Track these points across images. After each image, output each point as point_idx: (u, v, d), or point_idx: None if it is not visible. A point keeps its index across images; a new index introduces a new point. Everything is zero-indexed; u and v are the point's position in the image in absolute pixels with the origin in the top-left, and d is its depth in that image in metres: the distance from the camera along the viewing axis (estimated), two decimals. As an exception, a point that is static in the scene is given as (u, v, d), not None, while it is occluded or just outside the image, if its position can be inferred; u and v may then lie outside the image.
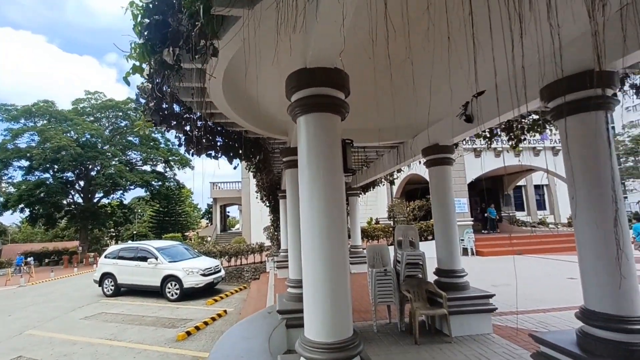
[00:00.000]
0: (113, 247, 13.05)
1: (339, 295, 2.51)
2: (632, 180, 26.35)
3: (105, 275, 11.74)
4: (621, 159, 25.40)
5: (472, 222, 15.23)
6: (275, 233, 14.13)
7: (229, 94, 3.60)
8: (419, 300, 4.71)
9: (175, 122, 3.54)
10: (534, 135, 4.86)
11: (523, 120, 4.56)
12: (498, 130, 4.93)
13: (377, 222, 18.76)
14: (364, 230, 14.87)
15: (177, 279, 10.47)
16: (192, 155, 4.42)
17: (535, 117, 4.49)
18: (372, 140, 5.52)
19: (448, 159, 5.05)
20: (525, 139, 4.81)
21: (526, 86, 2.42)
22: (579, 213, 2.67)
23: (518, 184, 22.02)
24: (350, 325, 2.57)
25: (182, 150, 4.29)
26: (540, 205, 22.79)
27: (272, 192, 11.81)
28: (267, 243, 17.08)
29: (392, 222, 17.37)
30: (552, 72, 2.20)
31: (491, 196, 20.73)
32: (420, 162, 5.92)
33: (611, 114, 2.76)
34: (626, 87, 3.62)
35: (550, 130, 4.86)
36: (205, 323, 7.45)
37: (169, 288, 10.52)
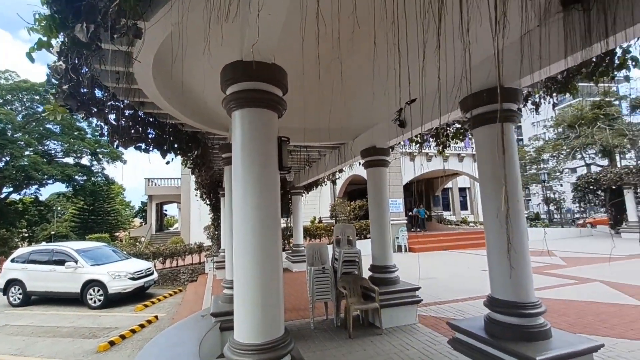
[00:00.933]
0: (22, 250, 11.37)
1: (270, 294, 2.49)
2: (534, 185, 30.54)
3: (12, 282, 10.18)
4: (527, 167, 29.31)
5: (406, 221, 16.30)
6: (216, 232, 13.58)
7: (160, 82, 3.36)
8: (353, 296, 4.89)
9: (96, 110, 3.18)
10: (457, 142, 5.39)
11: (448, 128, 5.03)
12: (428, 136, 5.35)
13: (320, 221, 19.05)
14: (306, 229, 14.99)
15: (101, 284, 9.46)
16: (118, 147, 4.03)
17: (458, 126, 4.97)
18: (313, 140, 5.59)
19: (384, 161, 5.33)
20: (449, 145, 5.30)
21: (450, 98, 2.66)
22: (486, 212, 3.04)
23: (446, 186, 24.38)
24: (281, 324, 2.57)
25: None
26: (464, 206, 25.49)
27: (212, 190, 11.34)
28: (208, 243, 16.35)
29: (334, 221, 17.78)
30: (466, 87, 2.45)
31: (422, 197, 22.54)
32: (359, 164, 6.16)
33: (515, 127, 3.17)
34: (529, 105, 4.19)
35: (470, 138, 5.42)
36: (133, 331, 6.85)
37: (90, 294, 9.46)
